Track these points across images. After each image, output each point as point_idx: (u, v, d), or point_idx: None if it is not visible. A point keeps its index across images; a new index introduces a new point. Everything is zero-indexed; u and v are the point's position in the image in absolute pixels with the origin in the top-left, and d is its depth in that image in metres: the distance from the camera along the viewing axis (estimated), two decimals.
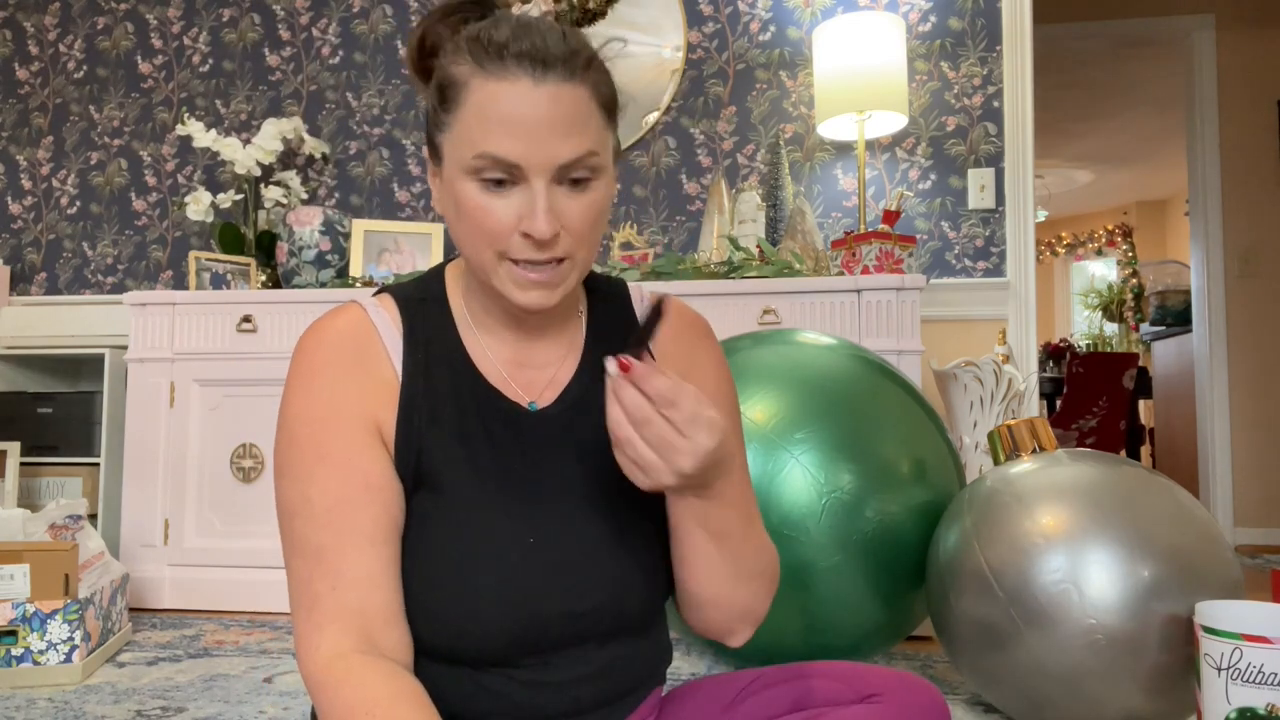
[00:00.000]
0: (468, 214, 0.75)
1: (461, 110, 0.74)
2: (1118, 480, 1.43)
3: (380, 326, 0.82)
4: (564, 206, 0.75)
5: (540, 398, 0.84)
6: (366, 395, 0.79)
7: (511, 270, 0.76)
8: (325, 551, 0.74)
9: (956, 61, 2.77)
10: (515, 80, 0.73)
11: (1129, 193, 7.87)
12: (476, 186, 0.74)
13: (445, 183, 0.78)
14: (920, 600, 1.71)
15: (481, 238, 0.75)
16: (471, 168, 0.74)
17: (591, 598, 0.78)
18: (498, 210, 0.74)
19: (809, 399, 1.67)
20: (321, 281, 2.72)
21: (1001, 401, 2.24)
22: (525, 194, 0.74)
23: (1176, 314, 5.00)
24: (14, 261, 3.26)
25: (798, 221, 2.50)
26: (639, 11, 2.91)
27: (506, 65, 0.73)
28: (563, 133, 0.73)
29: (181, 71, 3.20)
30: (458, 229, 0.78)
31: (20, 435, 2.80)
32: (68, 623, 1.83)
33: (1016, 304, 2.69)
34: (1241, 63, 3.89)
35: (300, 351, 0.81)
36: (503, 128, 0.72)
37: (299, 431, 0.77)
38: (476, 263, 0.77)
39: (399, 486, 0.78)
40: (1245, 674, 1.19)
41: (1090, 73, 5.34)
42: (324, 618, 0.72)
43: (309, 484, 0.75)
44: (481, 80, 0.74)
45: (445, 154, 0.77)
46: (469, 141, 0.74)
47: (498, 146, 0.72)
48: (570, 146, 0.73)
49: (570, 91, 0.74)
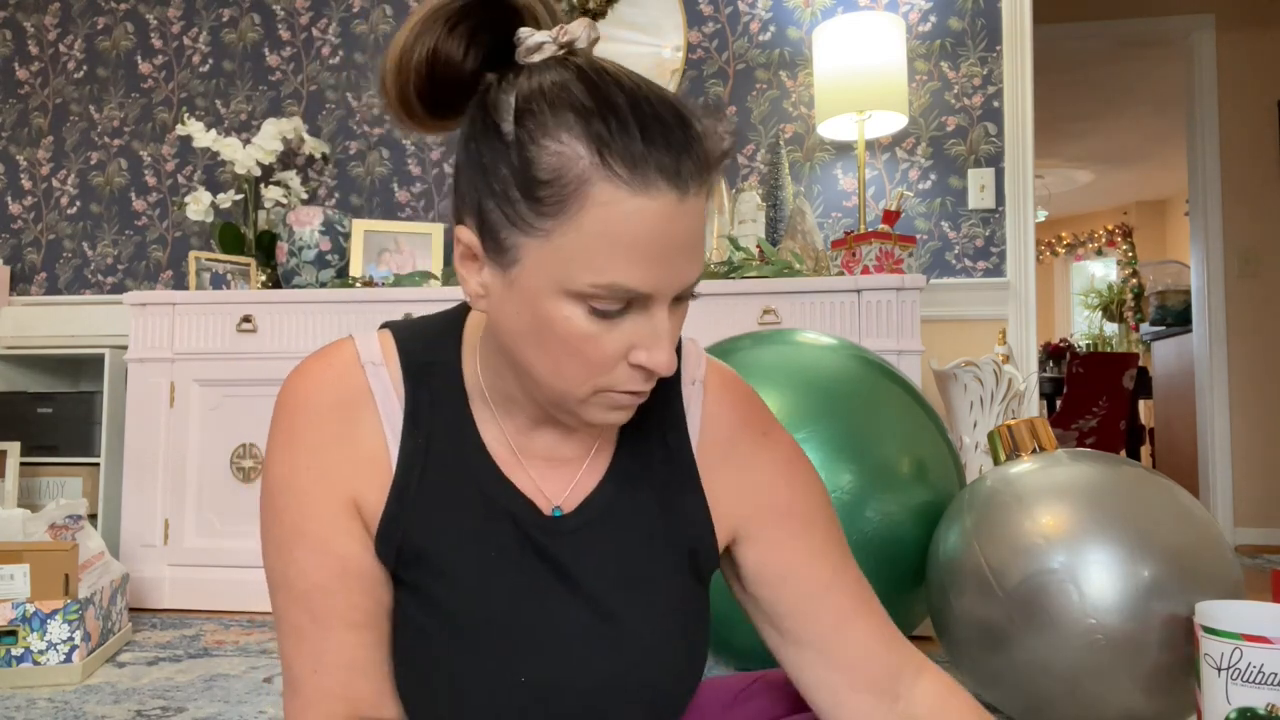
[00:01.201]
0: (563, 342, 0.61)
1: (575, 221, 0.58)
2: (1118, 480, 1.43)
3: (378, 394, 0.70)
4: (672, 326, 0.63)
5: (565, 504, 0.72)
6: (351, 473, 0.69)
7: (606, 399, 0.64)
8: (305, 633, 0.68)
9: (956, 61, 2.77)
10: (658, 195, 0.57)
11: (1129, 193, 7.87)
12: (583, 313, 0.60)
13: (521, 292, 0.61)
14: (920, 600, 1.71)
15: (580, 370, 0.62)
16: (583, 294, 0.59)
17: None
18: (609, 343, 0.61)
19: (809, 399, 1.67)
20: (321, 281, 2.72)
21: (1001, 401, 2.24)
22: (642, 321, 0.61)
23: (1176, 314, 5.00)
24: (14, 261, 3.26)
25: (798, 221, 2.50)
26: (639, 11, 2.91)
27: (646, 171, 0.57)
28: (696, 253, 0.61)
29: (181, 71, 3.20)
30: (535, 351, 0.63)
31: (20, 435, 2.80)
32: (68, 623, 1.83)
33: (1016, 304, 2.69)
34: (1241, 63, 3.89)
35: (285, 405, 0.70)
36: (641, 255, 0.58)
37: (278, 502, 0.70)
38: (555, 390, 0.64)
39: (382, 570, 0.71)
40: (1245, 674, 1.19)
41: (1090, 73, 5.34)
42: (307, 702, 0.68)
43: (288, 562, 0.69)
44: (611, 189, 0.57)
45: (529, 262, 0.60)
46: (588, 266, 0.58)
47: (632, 277, 0.58)
48: (699, 266, 0.62)
49: (703, 200, 0.61)
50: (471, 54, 0.64)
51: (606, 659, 0.70)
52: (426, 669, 0.70)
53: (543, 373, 0.63)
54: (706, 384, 0.77)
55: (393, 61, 0.64)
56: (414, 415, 0.71)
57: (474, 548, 0.70)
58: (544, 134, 0.58)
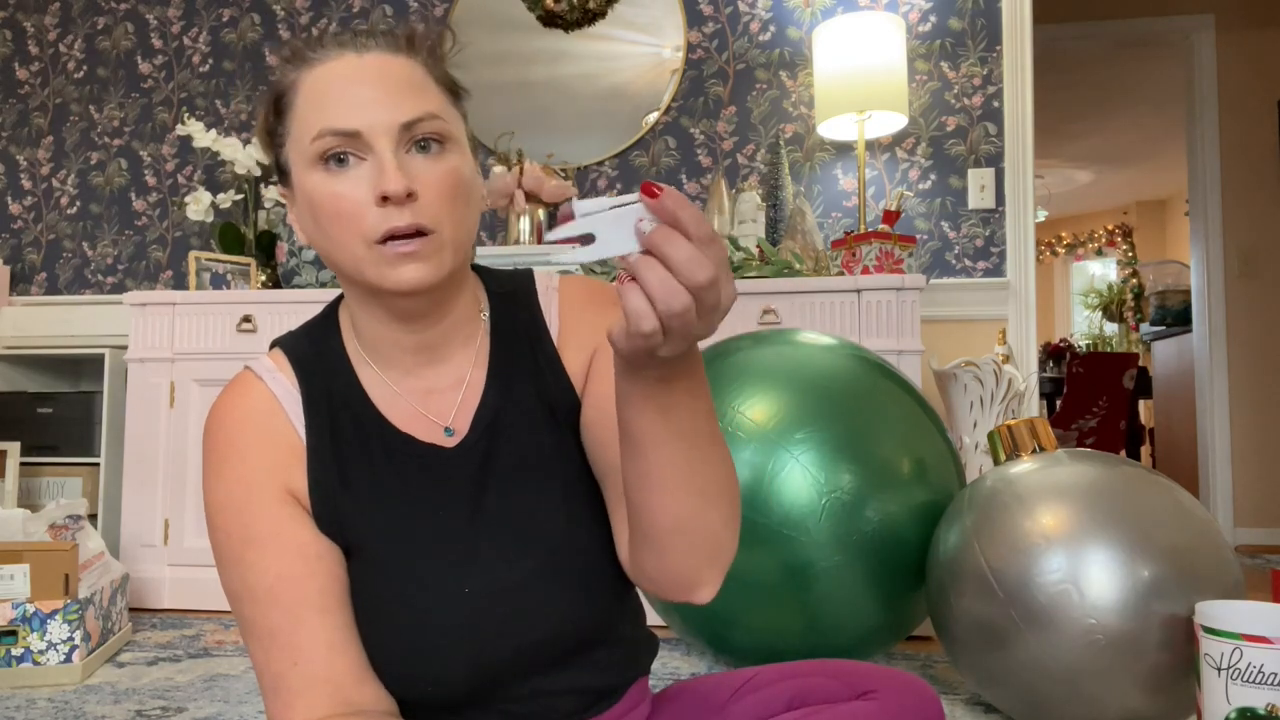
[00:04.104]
0: (321, 207, 0.72)
1: (295, 108, 0.74)
2: (1118, 480, 1.43)
3: (279, 393, 0.78)
4: (415, 169, 0.72)
5: (455, 423, 0.80)
6: (278, 467, 0.76)
7: (381, 253, 0.71)
8: (278, 631, 0.71)
9: (956, 61, 2.77)
10: (339, 58, 0.73)
11: (1129, 193, 7.87)
12: (322, 175, 0.72)
13: (299, 197, 0.75)
14: (920, 600, 1.71)
15: (340, 227, 0.71)
16: (314, 154, 0.72)
17: (539, 629, 0.76)
18: (348, 189, 0.71)
19: (809, 399, 1.67)
20: (321, 281, 2.72)
21: (1001, 401, 2.24)
22: (373, 163, 0.71)
23: (1176, 314, 5.00)
24: (14, 261, 3.26)
25: (798, 221, 2.50)
26: (639, 11, 2.90)
27: (328, 49, 0.74)
28: (397, 95, 0.72)
29: (181, 71, 3.20)
30: (320, 236, 0.74)
31: (20, 435, 2.80)
32: (68, 623, 1.83)
33: (1016, 304, 2.69)
34: (1241, 63, 3.89)
35: (207, 439, 0.78)
36: (335, 100, 0.71)
37: (221, 521, 0.75)
38: (348, 263, 0.73)
39: (336, 548, 0.76)
40: (1245, 674, 1.19)
41: (1090, 73, 5.34)
42: (291, 695, 0.70)
43: (245, 569, 0.73)
44: (307, 71, 0.74)
45: (292, 163, 0.75)
46: (306, 128, 0.72)
47: (333, 118, 0.71)
48: (409, 107, 0.72)
49: (399, 61, 0.74)
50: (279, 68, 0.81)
51: (534, 545, 0.77)
52: (384, 617, 0.74)
53: (332, 253, 0.73)
54: (560, 288, 0.86)
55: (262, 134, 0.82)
56: (310, 399, 0.79)
57: (389, 496, 0.77)
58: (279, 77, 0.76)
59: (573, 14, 2.91)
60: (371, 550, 0.76)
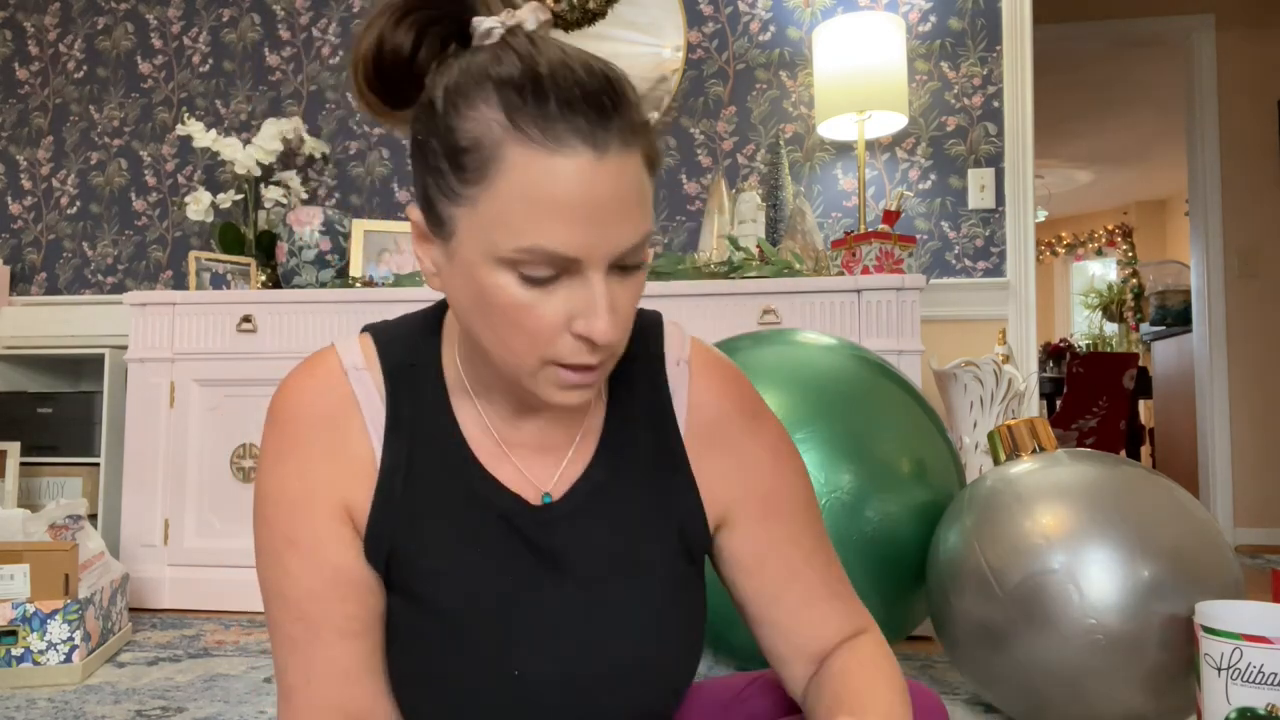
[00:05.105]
0: (502, 312, 0.61)
1: (494, 186, 0.59)
2: (1118, 480, 1.43)
3: (361, 397, 0.71)
4: (613, 296, 0.62)
5: (554, 489, 0.72)
6: (339, 479, 0.70)
7: (555, 374, 0.63)
8: (298, 643, 0.69)
9: (956, 61, 2.77)
10: (572, 154, 0.58)
11: (1129, 193, 7.88)
12: (515, 281, 0.60)
13: (460, 265, 0.63)
14: (920, 600, 1.71)
15: (523, 341, 0.62)
16: (511, 260, 0.60)
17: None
18: (546, 311, 0.61)
19: (809, 399, 1.67)
20: (321, 281, 2.72)
21: (1001, 401, 2.24)
22: (579, 289, 0.61)
23: (1176, 314, 5.00)
24: (14, 261, 3.26)
25: (798, 221, 2.50)
26: (639, 11, 2.91)
27: (559, 133, 0.58)
28: (625, 215, 0.60)
29: (181, 71, 3.20)
30: (482, 324, 0.63)
31: (20, 435, 2.80)
32: (68, 623, 1.83)
33: (1016, 304, 2.69)
34: (1241, 63, 3.89)
35: (274, 418, 0.71)
36: (559, 216, 0.58)
37: (269, 514, 0.70)
38: (507, 363, 0.64)
39: (376, 576, 0.71)
40: (1245, 674, 1.19)
41: (1090, 73, 5.34)
42: (297, 713, 0.69)
43: (281, 573, 0.70)
44: (525, 151, 0.58)
45: (462, 232, 0.61)
46: (509, 229, 0.59)
47: (553, 239, 0.58)
48: (632, 230, 0.61)
49: (632, 163, 0.60)
50: (425, 47, 0.66)
51: (600, 646, 0.70)
52: (420, 670, 0.70)
53: (492, 346, 0.64)
54: (692, 365, 0.77)
55: (352, 53, 0.67)
56: (395, 417, 0.71)
57: (461, 545, 0.71)
58: (466, 104, 0.60)
59: (573, 14, 2.91)
60: (420, 591, 0.70)
